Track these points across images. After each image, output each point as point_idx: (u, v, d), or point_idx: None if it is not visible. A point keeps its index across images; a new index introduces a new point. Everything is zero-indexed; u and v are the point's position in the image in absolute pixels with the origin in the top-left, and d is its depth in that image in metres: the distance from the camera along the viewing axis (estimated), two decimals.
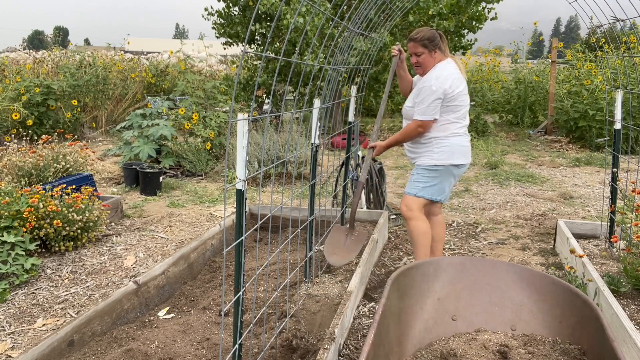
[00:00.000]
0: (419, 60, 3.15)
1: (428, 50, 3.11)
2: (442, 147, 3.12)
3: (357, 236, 3.51)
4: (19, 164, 4.54)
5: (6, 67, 8.79)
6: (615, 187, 3.77)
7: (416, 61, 3.17)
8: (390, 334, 2.02)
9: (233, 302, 1.86)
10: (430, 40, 3.09)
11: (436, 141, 3.12)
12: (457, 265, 2.36)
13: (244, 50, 1.51)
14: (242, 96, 9.43)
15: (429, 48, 3.11)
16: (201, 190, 5.76)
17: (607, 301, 2.66)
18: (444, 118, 3.10)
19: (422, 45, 3.10)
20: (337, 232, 3.56)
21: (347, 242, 3.49)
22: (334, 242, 3.48)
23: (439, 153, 3.12)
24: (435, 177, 3.15)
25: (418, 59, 3.15)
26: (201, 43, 9.52)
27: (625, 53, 7.47)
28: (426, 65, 3.15)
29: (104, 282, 3.41)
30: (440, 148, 3.12)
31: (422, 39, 3.09)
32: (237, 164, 1.74)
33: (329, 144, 8.03)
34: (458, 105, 3.10)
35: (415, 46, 3.12)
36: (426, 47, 3.10)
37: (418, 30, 3.15)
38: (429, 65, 3.14)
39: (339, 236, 3.53)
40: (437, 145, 3.12)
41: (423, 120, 3.06)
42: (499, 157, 7.26)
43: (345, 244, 3.47)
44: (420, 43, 3.10)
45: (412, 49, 3.15)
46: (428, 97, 3.02)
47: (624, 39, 7.68)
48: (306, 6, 7.05)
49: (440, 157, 3.12)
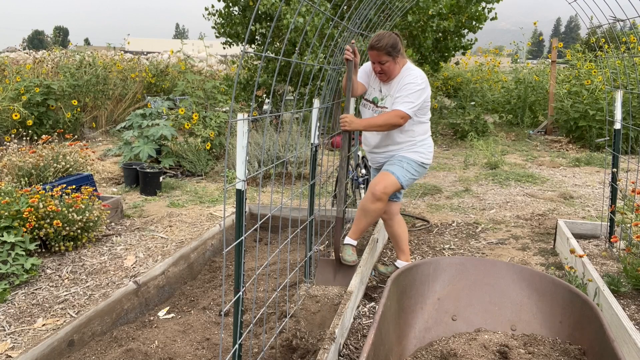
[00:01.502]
0: (384, 68, 3.02)
1: (392, 58, 2.99)
2: (426, 147, 3.19)
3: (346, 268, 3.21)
4: (19, 164, 4.54)
5: (6, 67, 8.79)
6: (615, 187, 3.77)
7: (380, 69, 3.04)
8: (390, 334, 2.02)
9: (233, 302, 1.86)
10: (394, 47, 2.96)
11: (420, 143, 3.16)
12: (457, 265, 2.37)
13: (244, 50, 1.51)
14: (242, 96, 9.42)
15: (393, 55, 2.99)
16: (201, 190, 5.76)
17: (607, 301, 2.66)
18: (424, 119, 3.16)
19: (387, 54, 2.97)
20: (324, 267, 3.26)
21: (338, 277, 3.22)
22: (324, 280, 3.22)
23: (427, 153, 3.19)
24: (420, 174, 3.22)
25: (382, 67, 3.01)
26: (201, 43, 9.53)
27: (625, 53, 7.47)
28: (391, 72, 3.04)
29: (104, 282, 3.41)
30: (425, 148, 3.19)
31: (386, 47, 2.95)
32: (237, 164, 1.74)
33: (329, 144, 8.03)
34: (429, 106, 3.16)
35: (379, 55, 2.97)
36: (390, 54, 2.97)
37: (379, 38, 2.98)
38: (394, 72, 3.05)
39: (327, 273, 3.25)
40: (422, 145, 3.17)
41: (408, 114, 2.93)
42: (499, 157, 7.26)
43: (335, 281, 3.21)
44: (384, 51, 2.96)
45: (376, 58, 3.00)
46: (418, 95, 2.95)
47: (624, 39, 7.68)
48: (306, 6, 7.05)
49: (427, 157, 3.20)
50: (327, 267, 3.25)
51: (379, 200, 3.04)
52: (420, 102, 2.98)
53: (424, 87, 3.00)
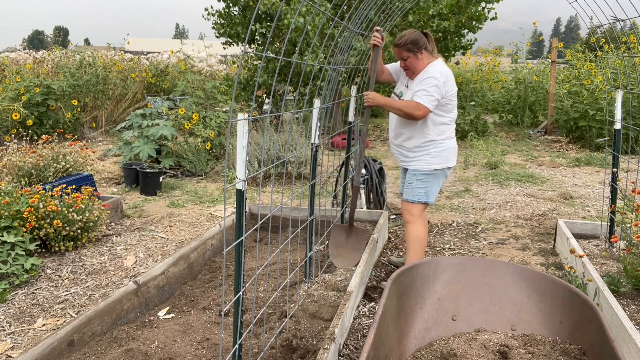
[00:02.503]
0: (407, 64, 3.15)
1: (413, 54, 3.10)
2: (440, 150, 3.15)
3: (358, 234, 3.49)
4: (19, 164, 4.54)
5: (6, 67, 8.78)
6: (615, 187, 3.77)
7: (404, 65, 3.17)
8: (390, 334, 2.02)
9: (233, 302, 1.86)
10: (414, 43, 3.07)
11: (434, 145, 3.14)
12: (457, 265, 2.37)
13: (244, 50, 1.51)
14: (242, 96, 9.43)
15: (414, 51, 3.09)
16: (201, 190, 5.76)
17: (607, 301, 2.66)
18: (441, 119, 3.12)
19: (407, 50, 3.09)
20: (337, 231, 3.52)
21: (350, 241, 3.46)
22: (337, 242, 3.46)
23: (437, 157, 3.15)
24: (434, 181, 3.21)
25: (405, 63, 3.15)
26: (201, 43, 9.53)
27: (625, 53, 7.46)
28: (414, 67, 3.14)
29: (104, 282, 3.41)
30: (438, 152, 3.15)
31: (406, 43, 3.08)
32: (237, 164, 1.74)
33: (329, 144, 8.03)
34: (452, 105, 3.13)
35: (400, 51, 3.12)
36: (411, 50, 3.09)
37: (401, 35, 3.14)
38: (418, 67, 3.13)
39: (340, 235, 3.50)
40: (434, 148, 3.14)
41: (427, 107, 2.99)
42: (499, 157, 7.26)
43: (347, 243, 3.45)
44: (405, 48, 3.08)
45: (398, 55, 3.15)
46: (435, 89, 3.00)
47: (624, 39, 7.68)
48: (306, 6, 7.05)
49: (438, 161, 3.16)
50: (340, 232, 3.47)
51: (410, 222, 3.26)
52: (437, 96, 2.99)
53: (444, 82, 3.01)
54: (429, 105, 2.99)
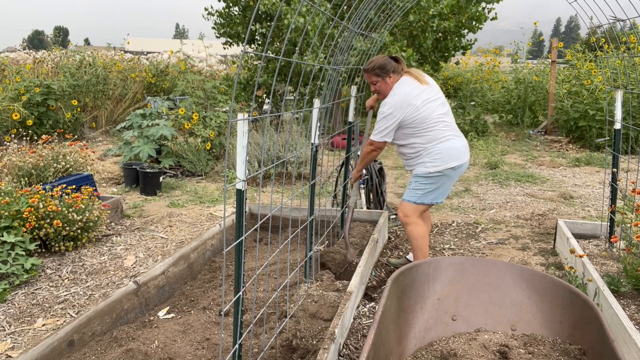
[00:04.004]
0: (376, 88, 3.32)
1: (382, 78, 3.25)
2: (433, 155, 3.18)
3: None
4: (19, 164, 4.54)
5: (6, 67, 8.78)
6: (615, 187, 3.77)
7: (374, 89, 3.34)
8: (390, 334, 2.02)
9: (233, 302, 1.86)
10: (382, 68, 3.23)
11: (426, 152, 3.20)
12: (457, 265, 2.37)
13: (244, 50, 1.51)
14: (242, 96, 9.43)
15: (382, 76, 3.24)
16: (201, 190, 5.76)
17: (607, 301, 2.66)
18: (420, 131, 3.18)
19: (375, 75, 3.25)
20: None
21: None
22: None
23: (433, 161, 3.19)
24: (433, 184, 3.23)
25: (375, 87, 3.32)
26: (201, 43, 9.53)
27: (625, 53, 7.46)
28: (383, 90, 3.29)
29: (104, 282, 3.41)
30: (432, 157, 3.19)
31: (374, 68, 3.24)
32: (237, 164, 1.74)
33: (329, 144, 8.03)
34: (424, 115, 3.15)
35: (369, 76, 3.29)
36: (378, 75, 3.24)
37: (370, 61, 3.30)
38: (386, 90, 3.27)
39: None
40: (427, 154, 3.20)
41: (373, 140, 3.23)
42: (499, 157, 7.26)
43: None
44: (373, 72, 3.25)
45: (367, 79, 3.32)
46: (381, 120, 3.17)
47: (624, 39, 7.68)
48: (306, 6, 7.05)
49: (433, 165, 3.19)
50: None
51: (406, 224, 3.32)
52: (389, 125, 3.15)
53: (391, 112, 3.13)
54: (377, 138, 3.21)
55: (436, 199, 3.27)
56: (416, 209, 3.28)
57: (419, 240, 3.30)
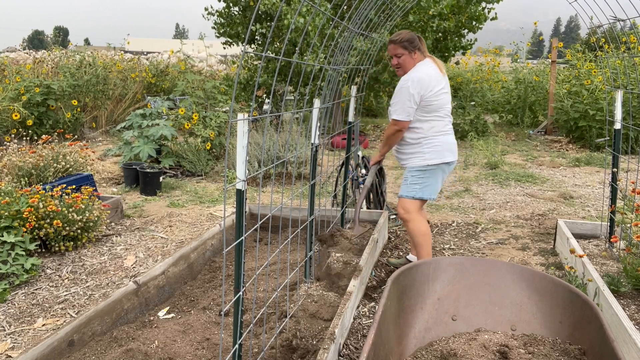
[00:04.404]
0: (399, 62, 3.23)
1: (408, 52, 3.18)
2: (432, 146, 3.17)
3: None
4: (19, 164, 4.54)
5: (6, 67, 8.78)
6: (615, 187, 3.77)
7: (397, 62, 3.25)
8: (390, 334, 2.02)
9: (233, 302, 1.86)
10: (410, 41, 3.17)
11: (425, 141, 3.18)
12: (457, 265, 2.36)
13: (244, 50, 1.51)
14: (242, 96, 9.43)
15: (409, 49, 3.18)
16: (201, 190, 5.76)
17: (607, 301, 2.66)
18: (429, 117, 3.16)
19: (402, 47, 3.18)
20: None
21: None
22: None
23: (430, 153, 3.18)
24: (429, 177, 3.22)
25: (398, 60, 3.22)
26: (201, 43, 9.53)
27: (625, 53, 7.46)
28: (406, 66, 3.22)
29: (104, 282, 3.41)
30: (430, 148, 3.17)
31: (402, 41, 3.17)
32: (237, 164, 1.74)
33: (329, 144, 8.03)
34: (439, 103, 3.14)
35: (395, 48, 3.20)
36: (406, 48, 3.18)
37: (397, 33, 3.24)
38: (409, 66, 3.21)
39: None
40: (427, 145, 3.18)
41: (398, 120, 3.13)
42: (499, 157, 7.26)
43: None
44: (400, 45, 3.18)
45: (393, 51, 3.23)
46: (404, 97, 3.09)
47: (624, 39, 7.68)
48: (306, 6, 7.05)
49: (431, 156, 3.18)
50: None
51: (407, 221, 3.30)
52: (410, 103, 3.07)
53: (408, 85, 3.07)
54: (402, 117, 3.11)
55: (432, 194, 3.27)
56: (416, 204, 3.27)
57: (420, 238, 3.29)
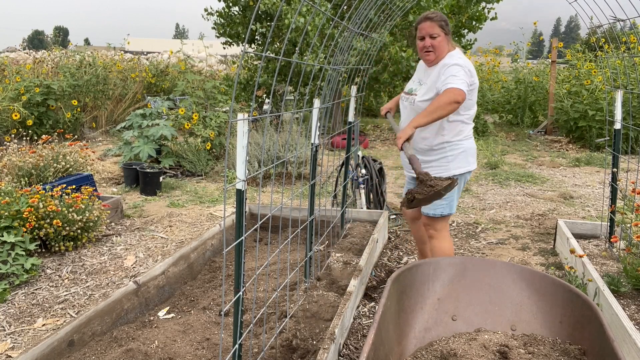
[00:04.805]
0: (434, 43, 2.71)
1: (445, 34, 2.72)
2: (458, 153, 2.76)
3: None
4: (19, 164, 4.54)
5: (6, 67, 8.78)
6: (615, 187, 3.77)
7: (430, 44, 2.72)
8: (390, 334, 2.02)
9: (233, 302, 1.85)
10: (447, 23, 2.74)
11: (450, 146, 2.74)
12: (457, 265, 2.36)
13: (244, 50, 1.51)
14: (242, 96, 9.43)
15: (446, 31, 2.72)
16: (201, 190, 5.76)
17: (607, 301, 2.66)
18: (459, 117, 2.74)
19: (440, 27, 2.70)
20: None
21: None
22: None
23: (455, 161, 2.76)
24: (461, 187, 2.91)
25: (433, 41, 2.71)
26: (201, 43, 9.52)
27: (625, 53, 7.46)
28: (441, 49, 2.73)
29: (104, 282, 3.41)
30: (455, 155, 2.76)
31: (440, 20, 2.70)
32: (237, 164, 1.74)
33: (329, 144, 8.03)
34: (472, 100, 2.75)
35: (433, 26, 2.70)
36: (443, 29, 2.71)
37: (434, 11, 2.84)
38: (443, 50, 2.73)
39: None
40: (450, 151, 2.75)
41: (464, 90, 2.48)
42: (499, 157, 7.26)
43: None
44: (438, 24, 2.69)
45: (429, 29, 2.70)
46: (460, 71, 2.57)
47: (624, 39, 7.67)
48: (306, 6, 7.05)
49: (457, 165, 2.77)
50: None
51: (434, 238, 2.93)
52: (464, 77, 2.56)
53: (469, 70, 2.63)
54: (466, 88, 2.51)
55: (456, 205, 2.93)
56: (444, 222, 2.90)
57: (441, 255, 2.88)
